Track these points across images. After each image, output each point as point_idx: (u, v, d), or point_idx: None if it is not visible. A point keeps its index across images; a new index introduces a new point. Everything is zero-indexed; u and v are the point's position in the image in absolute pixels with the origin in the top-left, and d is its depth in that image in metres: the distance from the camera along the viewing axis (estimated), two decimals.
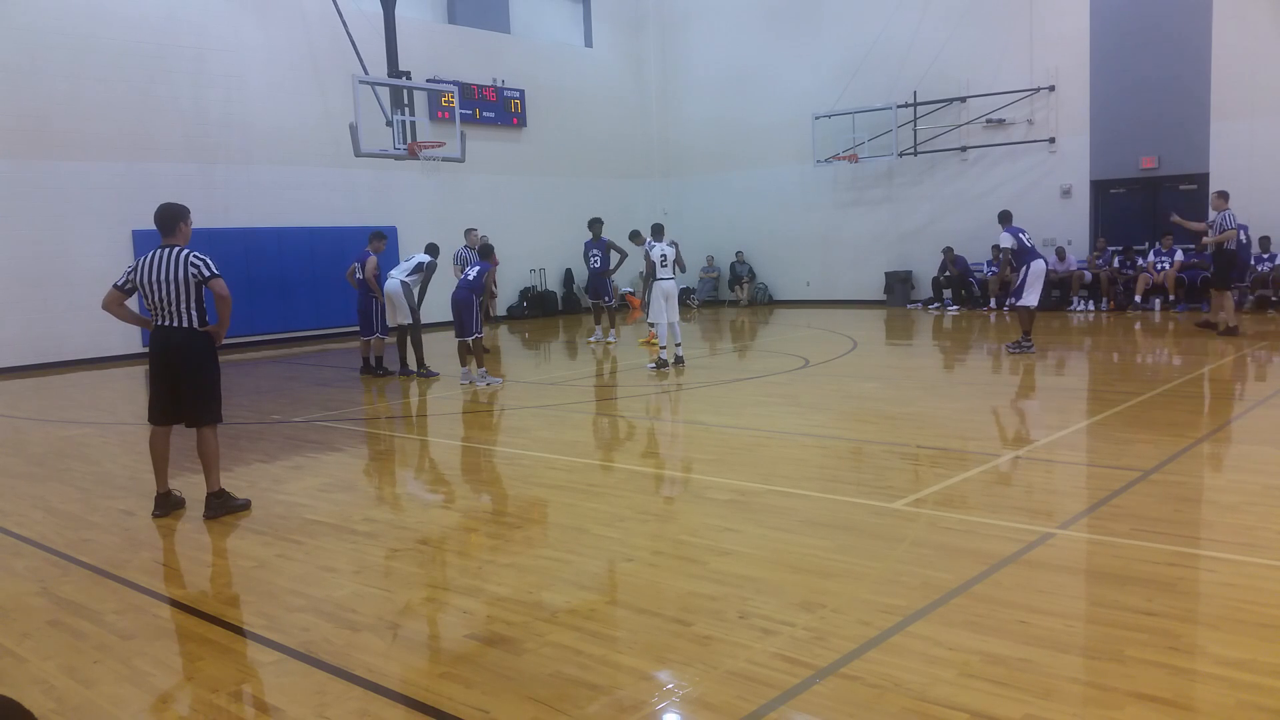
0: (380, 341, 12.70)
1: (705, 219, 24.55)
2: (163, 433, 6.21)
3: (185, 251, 5.99)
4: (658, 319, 11.96)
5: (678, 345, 12.24)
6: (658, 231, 12.37)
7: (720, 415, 9.01)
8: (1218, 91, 16.96)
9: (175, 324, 5.99)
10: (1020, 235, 12.03)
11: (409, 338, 12.51)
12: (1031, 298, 11.95)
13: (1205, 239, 13.67)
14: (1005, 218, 12.33)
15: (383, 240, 12.51)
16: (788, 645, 3.74)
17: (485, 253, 11.92)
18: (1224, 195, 13.42)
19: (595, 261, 15.61)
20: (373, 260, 12.23)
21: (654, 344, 12.62)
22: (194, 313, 6.01)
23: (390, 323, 12.42)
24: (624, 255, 15.53)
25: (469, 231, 15.34)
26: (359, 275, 12.37)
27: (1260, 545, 4.69)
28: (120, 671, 3.84)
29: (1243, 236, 13.89)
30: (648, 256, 12.06)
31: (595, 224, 15.67)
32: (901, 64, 20.50)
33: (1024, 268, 11.88)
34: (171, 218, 6.10)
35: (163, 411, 6.15)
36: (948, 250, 19.80)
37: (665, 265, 12.01)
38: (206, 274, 5.97)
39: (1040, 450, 7.00)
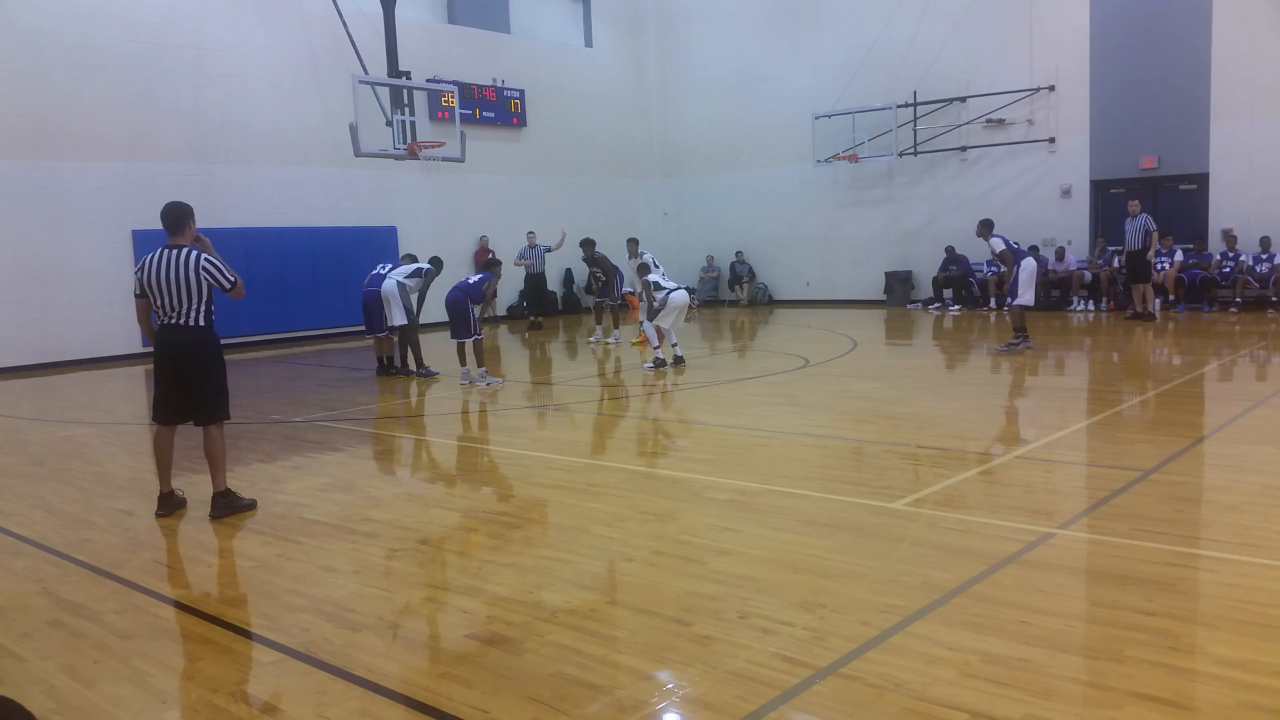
0: (390, 340, 12.67)
1: (705, 219, 24.55)
2: (168, 432, 6.21)
3: (194, 253, 5.98)
4: (660, 322, 11.94)
5: (674, 345, 12.25)
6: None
7: (720, 415, 9.01)
8: (1218, 91, 16.96)
9: (182, 323, 5.99)
10: (1005, 239, 12.46)
11: (407, 339, 12.51)
12: (1027, 296, 12.19)
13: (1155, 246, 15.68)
14: (988, 225, 12.56)
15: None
16: (788, 645, 3.74)
17: (491, 265, 11.99)
18: (1140, 201, 16.03)
19: (599, 279, 15.57)
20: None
21: (644, 344, 12.59)
22: (202, 312, 6.02)
23: (389, 322, 12.39)
24: (616, 270, 15.46)
25: (529, 234, 19.42)
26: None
27: (1260, 545, 4.69)
28: (120, 671, 3.84)
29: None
30: (646, 286, 12.05)
31: (586, 244, 15.57)
32: (901, 64, 20.50)
33: (1016, 267, 12.10)
34: (179, 217, 6.09)
35: (170, 411, 6.15)
36: (949, 250, 19.82)
37: (667, 279, 12.04)
38: (227, 286, 6.04)
39: (1040, 450, 7.00)
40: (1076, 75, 18.49)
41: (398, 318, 12.17)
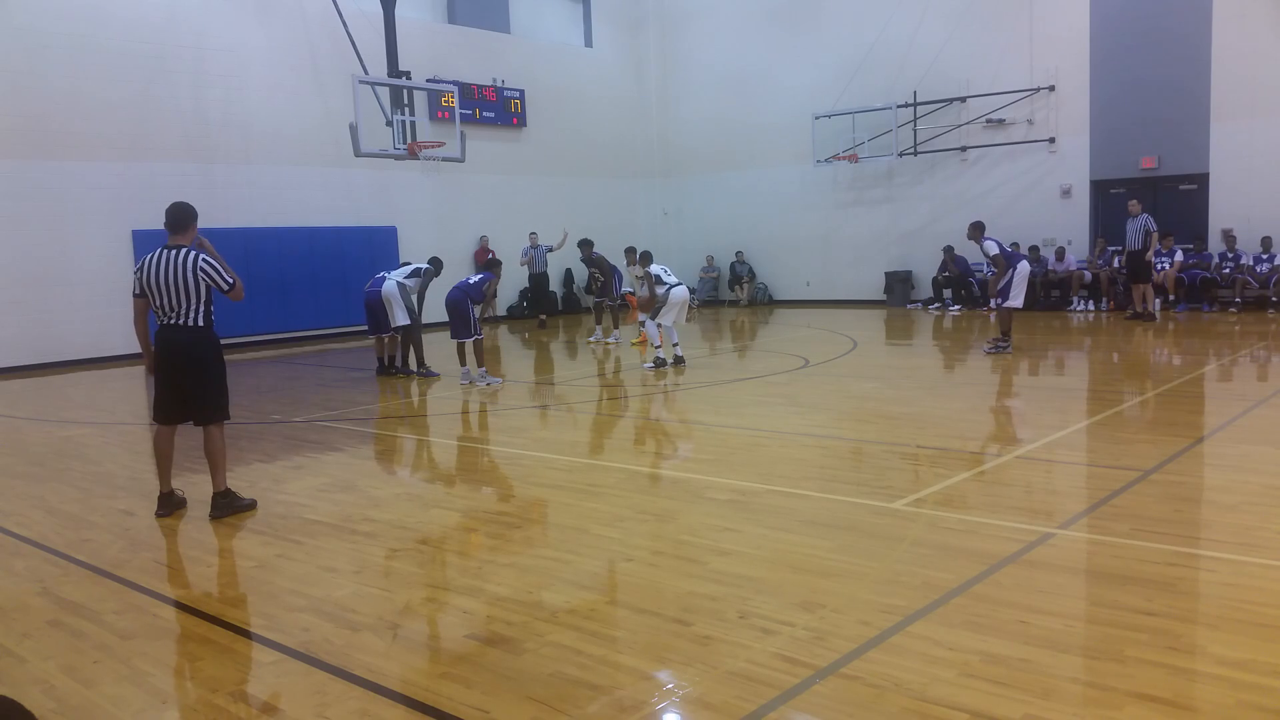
0: (393, 341, 12.69)
1: (705, 219, 24.56)
2: (168, 432, 6.21)
3: (194, 255, 5.98)
4: (662, 319, 11.94)
5: (675, 344, 12.25)
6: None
7: (720, 415, 9.00)
8: (1218, 91, 16.96)
9: (182, 323, 5.99)
10: (999, 242, 12.55)
11: (409, 339, 12.51)
12: (1018, 299, 12.24)
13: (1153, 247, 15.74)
14: (980, 228, 12.62)
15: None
16: (788, 645, 3.74)
17: (491, 265, 12.02)
18: (1140, 201, 16.10)
19: (598, 279, 15.60)
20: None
21: (644, 344, 12.60)
22: (201, 313, 6.02)
23: (393, 323, 12.40)
24: (614, 270, 15.47)
25: (532, 234, 19.89)
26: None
27: (1260, 545, 4.69)
28: (120, 671, 3.84)
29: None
30: (648, 276, 12.04)
31: (585, 245, 15.60)
32: (901, 64, 20.50)
33: (1011, 270, 12.13)
34: (185, 217, 6.09)
35: (170, 411, 6.15)
36: (948, 249, 19.81)
37: (669, 274, 12.03)
38: (225, 288, 6.04)
39: (1040, 450, 7.00)
40: (1076, 75, 18.49)
41: (400, 318, 12.18)
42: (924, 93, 20.28)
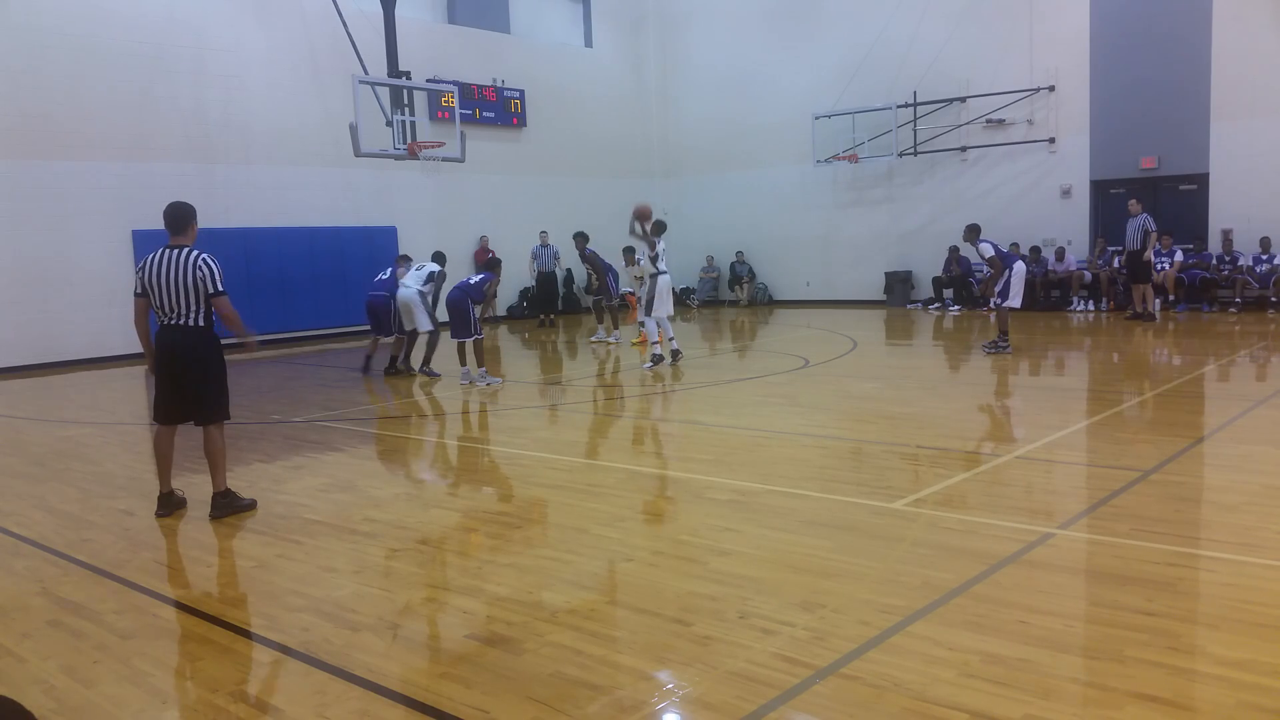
0: (398, 342, 12.75)
1: (705, 219, 24.54)
2: (168, 432, 6.21)
3: (195, 253, 5.98)
4: (659, 312, 11.98)
5: (671, 339, 12.27)
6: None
7: (720, 415, 9.00)
8: (1218, 91, 16.95)
9: (182, 323, 5.99)
10: (995, 244, 12.65)
11: (428, 340, 12.55)
12: (1017, 299, 12.31)
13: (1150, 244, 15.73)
14: (976, 231, 12.71)
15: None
16: (788, 645, 3.74)
17: (492, 265, 12.06)
18: (1140, 201, 16.10)
19: (592, 277, 15.68)
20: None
21: (645, 344, 12.61)
22: (202, 313, 6.01)
23: (407, 326, 12.45)
24: (608, 268, 15.49)
25: (542, 233, 19.82)
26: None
27: (1260, 545, 4.69)
28: (120, 671, 3.84)
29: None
30: (661, 230, 12.15)
31: (579, 238, 15.64)
32: (901, 64, 20.49)
33: (1008, 271, 12.18)
34: (183, 217, 6.08)
35: (170, 411, 6.15)
36: (954, 249, 19.80)
37: (663, 261, 12.09)
38: (211, 290, 5.98)
39: (1040, 450, 7.00)
40: (1076, 75, 18.49)
41: (424, 324, 12.27)
42: (924, 93, 20.28)
